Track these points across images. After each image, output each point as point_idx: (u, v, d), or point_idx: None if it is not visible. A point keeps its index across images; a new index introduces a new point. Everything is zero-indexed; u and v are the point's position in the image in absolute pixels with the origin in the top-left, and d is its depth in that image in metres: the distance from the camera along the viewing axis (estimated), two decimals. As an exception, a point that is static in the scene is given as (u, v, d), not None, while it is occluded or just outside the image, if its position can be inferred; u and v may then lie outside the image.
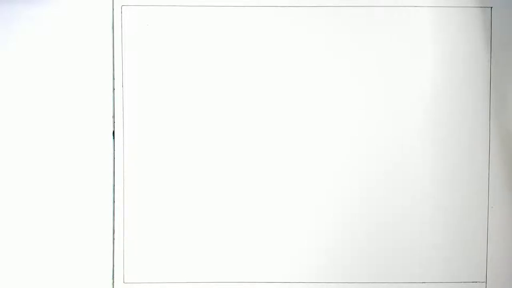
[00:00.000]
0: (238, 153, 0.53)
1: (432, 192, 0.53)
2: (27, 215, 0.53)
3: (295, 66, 0.53)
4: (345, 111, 0.53)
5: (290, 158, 0.53)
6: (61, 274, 0.53)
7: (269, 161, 0.53)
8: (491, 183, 0.53)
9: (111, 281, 0.53)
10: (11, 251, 0.53)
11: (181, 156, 0.53)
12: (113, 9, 0.53)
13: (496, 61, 0.53)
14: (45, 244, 0.53)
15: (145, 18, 0.53)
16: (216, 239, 0.53)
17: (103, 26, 0.53)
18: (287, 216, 0.53)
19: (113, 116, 0.53)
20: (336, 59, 0.53)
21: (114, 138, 0.53)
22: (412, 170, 0.53)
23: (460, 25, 0.53)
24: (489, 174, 0.53)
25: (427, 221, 0.53)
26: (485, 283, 0.54)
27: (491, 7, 0.53)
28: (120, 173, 0.53)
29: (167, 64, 0.53)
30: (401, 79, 0.53)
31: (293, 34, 0.53)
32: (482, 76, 0.53)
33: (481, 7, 0.53)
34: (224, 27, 0.53)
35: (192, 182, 0.53)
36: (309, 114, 0.53)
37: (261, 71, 0.53)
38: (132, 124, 0.53)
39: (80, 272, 0.53)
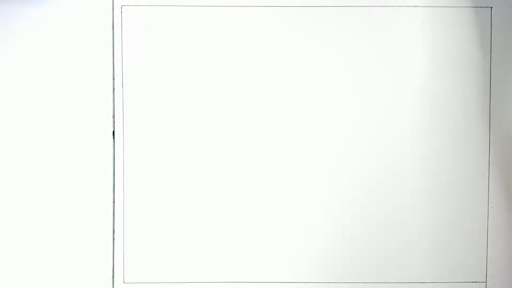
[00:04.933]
0: (238, 152, 0.53)
1: (432, 192, 0.53)
2: (27, 215, 0.53)
3: (295, 66, 0.53)
4: (345, 111, 0.53)
5: (290, 158, 0.53)
6: (61, 274, 0.53)
7: (269, 161, 0.53)
8: (491, 183, 0.53)
9: (111, 281, 0.53)
10: (11, 251, 0.53)
11: (181, 156, 0.53)
12: (113, 9, 0.53)
13: (496, 61, 0.53)
14: (45, 244, 0.53)
15: (145, 18, 0.53)
16: (216, 239, 0.53)
17: (103, 26, 0.53)
18: (287, 216, 0.53)
19: (113, 116, 0.53)
20: (335, 59, 0.53)
21: (114, 138, 0.53)
22: (412, 170, 0.53)
23: (460, 25, 0.53)
24: (489, 174, 0.53)
25: (427, 221, 0.53)
26: (485, 283, 0.54)
27: (491, 7, 0.53)
28: (120, 173, 0.53)
29: (167, 64, 0.53)
30: (401, 79, 0.53)
31: (293, 34, 0.53)
32: (482, 76, 0.53)
33: (481, 7, 0.53)
34: (224, 27, 0.53)
35: (192, 182, 0.53)
36: (308, 114, 0.53)
37: (261, 71, 0.53)
38: (132, 124, 0.53)
39: (80, 272, 0.53)
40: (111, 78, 0.53)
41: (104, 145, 0.53)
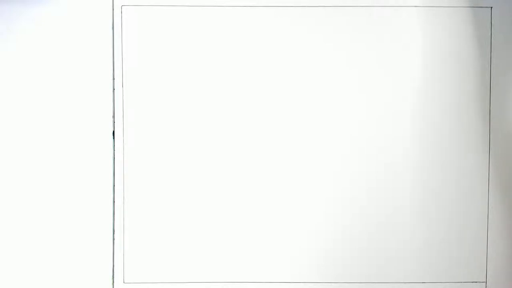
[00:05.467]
0: (238, 153, 0.53)
1: (432, 192, 0.53)
2: (27, 215, 0.53)
3: (295, 66, 0.53)
4: (345, 111, 0.53)
5: (290, 158, 0.53)
6: (61, 274, 0.53)
7: (269, 161, 0.53)
8: (491, 183, 0.53)
9: (111, 281, 0.53)
10: (11, 251, 0.53)
11: (181, 156, 0.53)
12: (113, 9, 0.53)
13: (496, 61, 0.53)
14: (45, 244, 0.53)
15: (145, 18, 0.53)
16: (216, 239, 0.53)
17: (103, 26, 0.53)
18: (287, 216, 0.53)
19: (113, 116, 0.53)
20: (335, 59, 0.53)
21: (114, 138, 0.53)
22: (412, 170, 0.53)
23: (460, 25, 0.53)
24: (489, 174, 0.53)
25: (427, 221, 0.53)
26: (485, 283, 0.54)
27: (491, 7, 0.53)
28: (120, 173, 0.53)
29: (167, 64, 0.53)
30: (401, 79, 0.53)
31: (293, 34, 0.53)
32: (482, 76, 0.53)
33: (480, 7, 0.53)
34: (224, 27, 0.53)
35: (192, 182, 0.53)
36: (308, 114, 0.53)
37: (261, 71, 0.53)
38: (132, 124, 0.53)
39: (80, 272, 0.53)
40: (111, 78, 0.53)
41: (104, 145, 0.53)
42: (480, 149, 0.53)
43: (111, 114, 0.53)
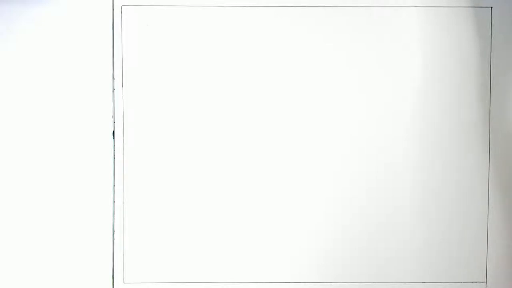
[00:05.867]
0: (238, 152, 0.53)
1: (432, 192, 0.53)
2: (27, 215, 0.53)
3: (295, 66, 0.53)
4: (345, 111, 0.53)
5: (290, 158, 0.53)
6: (61, 274, 0.53)
7: (269, 161, 0.53)
8: (491, 183, 0.53)
9: (111, 281, 0.53)
10: (11, 251, 0.53)
11: (181, 156, 0.53)
12: (113, 9, 0.53)
13: (496, 61, 0.53)
14: (45, 244, 0.53)
15: (145, 18, 0.53)
16: (216, 239, 0.53)
17: (103, 26, 0.53)
18: (287, 216, 0.53)
19: (113, 116, 0.53)
20: (335, 59, 0.53)
21: (114, 138, 0.53)
22: (412, 170, 0.53)
23: (460, 25, 0.53)
24: (489, 174, 0.53)
25: (427, 221, 0.53)
26: (485, 283, 0.54)
27: (491, 7, 0.53)
28: (120, 173, 0.53)
29: (167, 64, 0.53)
30: (401, 79, 0.53)
31: (293, 34, 0.53)
32: (482, 76, 0.53)
33: (480, 7, 0.53)
34: (224, 27, 0.53)
35: (192, 182, 0.53)
36: (308, 114, 0.53)
37: (261, 71, 0.53)
38: (132, 124, 0.53)
39: (80, 272, 0.53)
40: (111, 78, 0.53)
41: (104, 145, 0.53)
42: (480, 149, 0.53)
43: (111, 114, 0.53)
